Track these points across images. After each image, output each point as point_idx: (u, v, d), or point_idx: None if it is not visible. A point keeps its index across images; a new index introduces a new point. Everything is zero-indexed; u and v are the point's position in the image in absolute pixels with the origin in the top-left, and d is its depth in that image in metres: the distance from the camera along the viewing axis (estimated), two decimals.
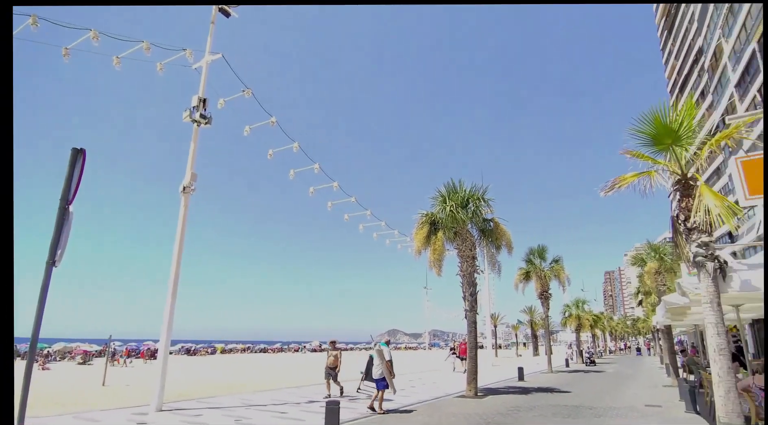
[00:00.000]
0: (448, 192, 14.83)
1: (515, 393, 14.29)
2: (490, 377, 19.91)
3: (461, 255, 14.60)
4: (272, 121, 16.44)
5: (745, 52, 28.99)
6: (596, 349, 48.82)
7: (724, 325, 5.94)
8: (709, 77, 39.27)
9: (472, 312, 14.31)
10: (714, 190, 6.33)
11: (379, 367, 10.33)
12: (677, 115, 6.61)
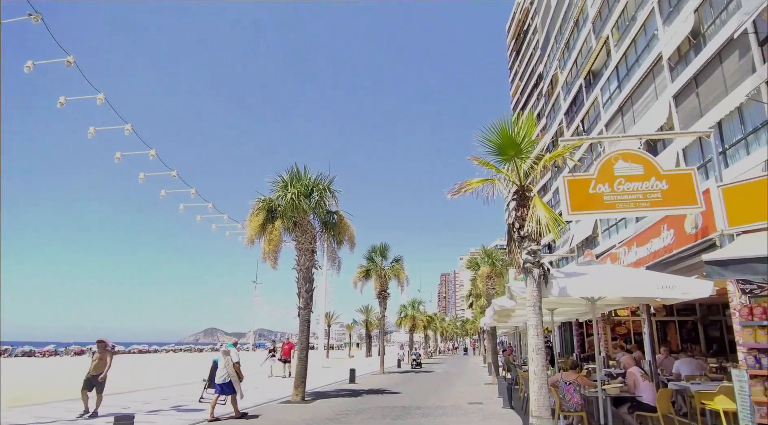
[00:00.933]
0: (291, 178, 14.48)
1: (345, 396, 14.82)
2: (320, 379, 20.31)
3: (300, 247, 14.43)
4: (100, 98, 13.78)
5: (574, 85, 35.62)
6: (427, 349, 54.23)
7: (542, 327, 7.13)
8: (545, 102, 47.11)
9: (306, 309, 14.26)
10: (544, 202, 7.52)
11: (223, 370, 10.15)
12: (520, 129, 7.61)
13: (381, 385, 18.69)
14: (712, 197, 7.68)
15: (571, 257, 26.55)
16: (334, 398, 14.43)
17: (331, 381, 20.03)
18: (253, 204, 14.49)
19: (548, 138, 42.25)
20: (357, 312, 59.36)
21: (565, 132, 37.53)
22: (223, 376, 10.24)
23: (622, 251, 11.81)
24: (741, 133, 16.63)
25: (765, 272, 6.10)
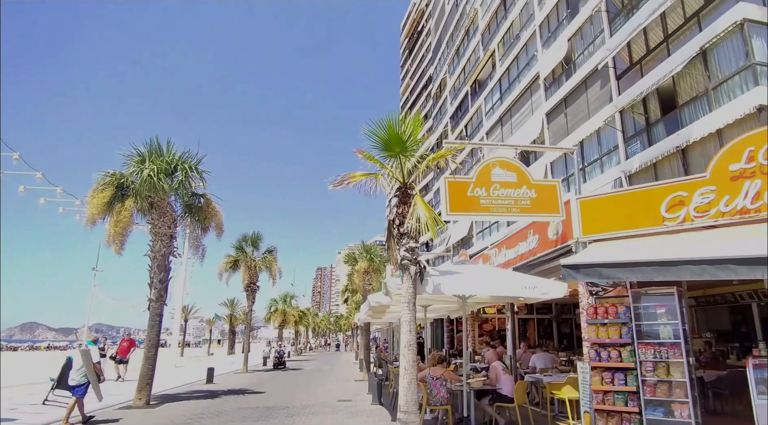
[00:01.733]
0: (149, 152, 13.17)
1: (200, 398, 14.00)
2: (170, 381, 18.88)
3: (156, 232, 13.21)
4: None
5: (461, 91, 38.12)
6: (297, 346, 53.69)
7: (416, 323, 7.48)
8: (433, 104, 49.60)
9: (159, 302, 13.11)
10: (425, 202, 7.90)
11: (80, 371, 9.32)
12: (406, 127, 7.89)
13: (243, 385, 18.03)
14: (571, 208, 8.79)
15: (447, 256, 28.48)
16: (186, 401, 13.52)
17: (184, 382, 18.75)
18: (97, 178, 12.83)
19: (433, 139, 44.70)
20: (221, 305, 56.57)
21: (449, 135, 40.05)
22: (78, 377, 9.31)
23: (494, 252, 12.97)
24: (598, 153, 19.30)
25: (609, 276, 7.14)
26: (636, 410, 7.42)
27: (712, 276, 6.17)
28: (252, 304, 27.06)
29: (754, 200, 7.24)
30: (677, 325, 7.43)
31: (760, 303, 12.24)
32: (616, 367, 7.77)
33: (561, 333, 18.23)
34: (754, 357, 6.97)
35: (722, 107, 13.61)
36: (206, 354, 53.31)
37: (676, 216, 7.82)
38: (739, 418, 6.92)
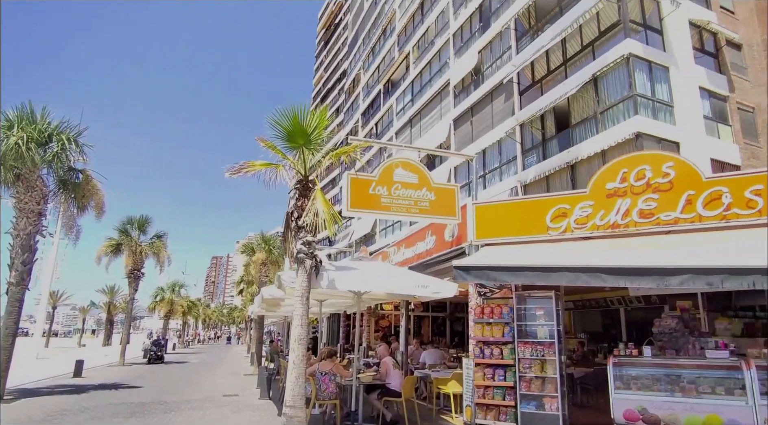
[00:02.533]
0: (19, 118, 11.73)
1: (65, 393, 12.67)
2: (32, 374, 16.85)
3: (21, 207, 11.72)
4: None
5: (374, 89, 38.44)
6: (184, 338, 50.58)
7: (308, 318, 7.37)
8: (346, 99, 49.51)
9: (21, 286, 11.64)
10: (325, 197, 7.82)
11: None
12: (312, 120, 7.76)
13: (118, 379, 16.60)
14: (467, 212, 9.23)
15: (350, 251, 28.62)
16: (47, 396, 12.16)
17: (48, 375, 16.82)
18: None
19: (344, 134, 44.64)
20: (98, 292, 51.55)
21: (360, 131, 40.27)
22: None
23: (393, 250, 13.25)
24: (498, 162, 20.52)
25: (496, 279, 7.60)
26: (512, 404, 8.02)
27: (585, 283, 6.82)
28: (135, 292, 24.96)
29: (624, 217, 8.15)
30: (553, 326, 8.15)
31: (626, 309, 13.93)
32: (497, 364, 8.34)
33: (454, 330, 19.15)
34: (614, 356, 7.84)
35: (607, 130, 15.15)
36: (77, 344, 48.40)
37: (559, 226, 8.54)
38: (601, 411, 7.80)
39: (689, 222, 7.76)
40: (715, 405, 6.85)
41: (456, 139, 23.79)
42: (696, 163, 8.24)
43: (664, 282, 6.45)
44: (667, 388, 7.24)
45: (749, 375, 6.74)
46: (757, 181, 7.59)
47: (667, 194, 7.95)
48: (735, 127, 16.60)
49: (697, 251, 6.91)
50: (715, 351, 7.44)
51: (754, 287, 6.01)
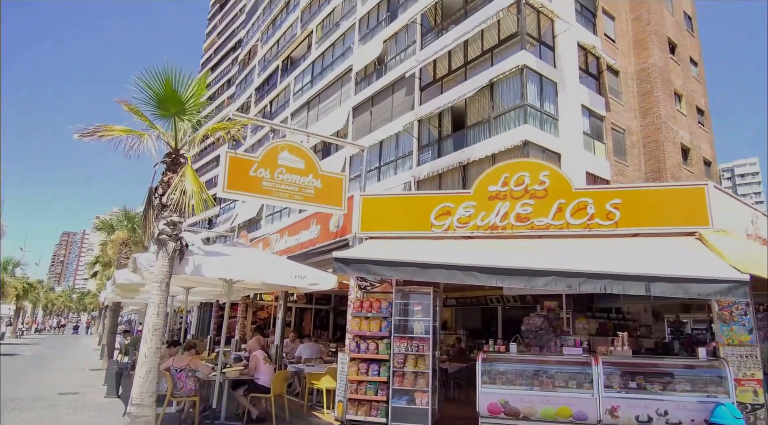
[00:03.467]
0: None
1: None
2: None
3: None
4: None
5: (272, 64, 36.98)
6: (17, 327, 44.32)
7: (166, 306, 6.77)
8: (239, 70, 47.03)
9: None
10: (197, 177, 7.27)
11: None
12: (189, 86, 7.17)
13: None
14: (354, 203, 9.21)
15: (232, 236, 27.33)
16: None
17: None
18: None
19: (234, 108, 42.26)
20: None
21: (252, 108, 38.55)
22: None
23: (275, 238, 12.84)
24: (394, 155, 20.87)
25: (376, 273, 7.67)
26: (384, 399, 8.17)
27: (460, 280, 7.15)
28: None
29: (503, 219, 8.68)
30: (429, 322, 8.44)
31: (504, 307, 15.03)
32: (372, 359, 8.44)
33: (337, 324, 19.15)
34: (483, 352, 8.34)
35: (499, 135, 16.11)
36: None
37: (443, 224, 8.86)
38: (470, 404, 8.23)
39: (558, 229, 8.49)
40: (567, 398, 7.60)
41: (354, 127, 23.79)
42: (568, 174, 9.06)
43: (531, 283, 7.01)
44: (527, 382, 7.89)
45: (596, 371, 7.56)
46: (617, 195, 8.55)
47: (541, 201, 8.62)
48: (608, 145, 18.66)
49: (562, 255, 7.57)
50: (571, 349, 8.26)
51: (605, 291, 6.78)
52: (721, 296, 6.54)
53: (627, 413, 7.34)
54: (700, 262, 7.02)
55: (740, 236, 8.77)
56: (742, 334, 7.56)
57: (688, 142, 21.73)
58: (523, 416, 7.67)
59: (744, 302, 7.49)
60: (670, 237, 8.17)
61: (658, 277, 6.51)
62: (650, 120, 20.50)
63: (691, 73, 23.99)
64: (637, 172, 19.78)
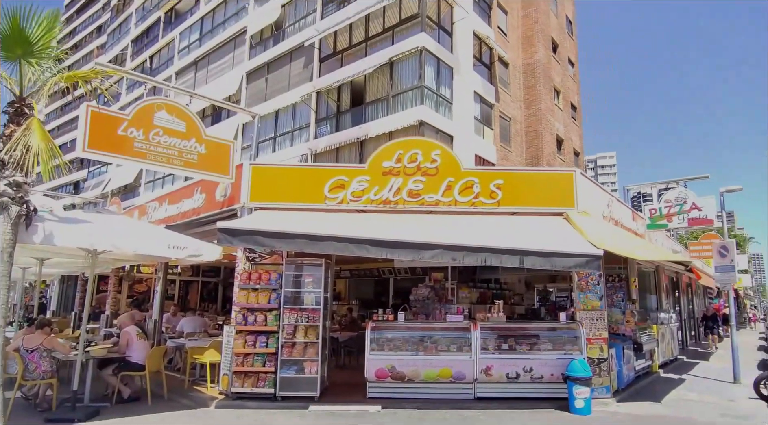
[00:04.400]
0: None
1: None
2: None
3: None
4: None
5: (152, 14, 33.18)
6: None
7: (10, 279, 5.80)
8: (112, 17, 41.59)
9: None
10: (47, 132, 6.29)
11: None
12: (39, 26, 6.20)
13: None
14: (243, 172, 8.69)
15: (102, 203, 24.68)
16: None
17: None
18: None
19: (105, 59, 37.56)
20: None
21: (128, 61, 34.67)
22: None
23: (153, 206, 11.77)
24: (291, 127, 20.18)
25: (266, 245, 7.35)
26: (272, 370, 7.99)
27: (352, 252, 7.12)
28: None
29: (395, 194, 8.76)
30: (320, 293, 8.35)
31: (395, 278, 15.47)
32: (260, 331, 8.17)
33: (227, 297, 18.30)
34: (373, 321, 8.58)
35: (396, 114, 16.23)
36: None
37: (336, 197, 8.72)
38: (359, 371, 8.42)
39: (447, 205, 8.79)
40: (448, 360, 8.14)
41: (248, 93, 22.52)
42: (458, 155, 9.40)
43: (419, 255, 7.23)
44: (413, 348, 8.31)
45: (475, 335, 8.18)
46: (499, 176, 9.04)
47: (432, 178, 8.83)
48: (495, 132, 19.75)
49: (448, 230, 7.87)
50: (454, 316, 8.82)
51: (485, 263, 7.21)
52: (580, 268, 7.30)
53: (499, 371, 8.04)
54: (566, 239, 7.72)
55: (598, 217, 9.80)
56: (594, 301, 8.54)
57: (563, 134, 23.82)
58: (408, 379, 8.05)
59: (598, 273, 8.45)
60: (542, 217, 8.86)
61: (531, 251, 7.09)
62: (532, 111, 22.09)
63: (569, 72, 26.19)
64: (519, 157, 21.29)
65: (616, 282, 11.46)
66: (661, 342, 12.00)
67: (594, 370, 7.96)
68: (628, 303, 11.21)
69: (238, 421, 6.88)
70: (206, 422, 6.89)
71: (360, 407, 7.58)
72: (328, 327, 8.97)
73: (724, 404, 8.22)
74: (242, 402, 7.80)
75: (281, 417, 7.11)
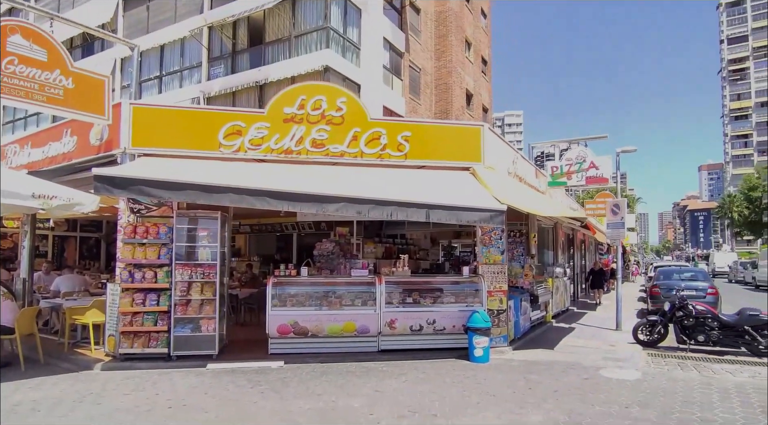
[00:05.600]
0: None
1: None
2: None
3: None
4: None
5: None
6: None
7: None
8: None
9: None
10: None
11: None
12: None
13: None
14: (122, 112, 7.92)
15: None
16: None
17: None
18: None
19: None
20: None
21: None
22: None
23: (13, 149, 10.41)
24: (179, 66, 18.64)
25: (152, 195, 6.86)
26: (165, 329, 7.72)
27: (251, 204, 6.90)
28: None
29: (298, 143, 8.53)
30: (216, 248, 8.06)
31: (299, 234, 15.31)
32: (150, 288, 7.80)
33: (111, 253, 17.03)
34: (274, 277, 8.54)
35: (300, 57, 15.59)
36: None
37: (233, 144, 8.30)
38: (261, 327, 8.39)
39: (353, 157, 8.75)
40: (352, 315, 8.37)
41: (126, 23, 20.28)
42: (365, 103, 9.29)
43: (322, 208, 7.18)
44: (317, 303, 8.44)
45: (379, 289, 8.46)
46: (407, 128, 9.14)
47: (338, 127, 8.70)
48: (405, 82, 19.80)
49: (354, 183, 7.88)
50: (359, 270, 9.03)
51: (391, 217, 7.37)
52: (484, 223, 7.75)
53: (403, 324, 8.43)
54: (472, 194, 8.09)
55: (503, 173, 10.35)
56: (496, 255, 9.15)
57: (473, 88, 24.53)
58: (311, 334, 8.20)
59: (500, 229, 9.01)
60: (449, 171, 9.17)
61: (437, 206, 7.36)
62: (443, 63, 22.39)
63: (481, 24, 26.73)
64: (428, 111, 21.67)
65: (517, 238, 12.34)
66: (555, 294, 13.28)
67: (493, 321, 8.62)
68: (528, 258, 12.15)
69: (128, 382, 6.60)
70: (90, 385, 6.52)
71: (262, 363, 7.63)
72: (226, 284, 8.79)
73: (607, 348, 9.32)
74: (132, 363, 7.54)
75: (177, 376, 6.94)
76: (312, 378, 6.89)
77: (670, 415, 5.39)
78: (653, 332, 9.33)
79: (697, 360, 8.28)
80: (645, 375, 7.27)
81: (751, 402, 5.93)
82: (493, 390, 6.37)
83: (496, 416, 5.37)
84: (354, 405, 5.67)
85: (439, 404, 5.75)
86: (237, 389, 6.33)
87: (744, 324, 8.56)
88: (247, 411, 5.48)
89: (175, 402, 5.77)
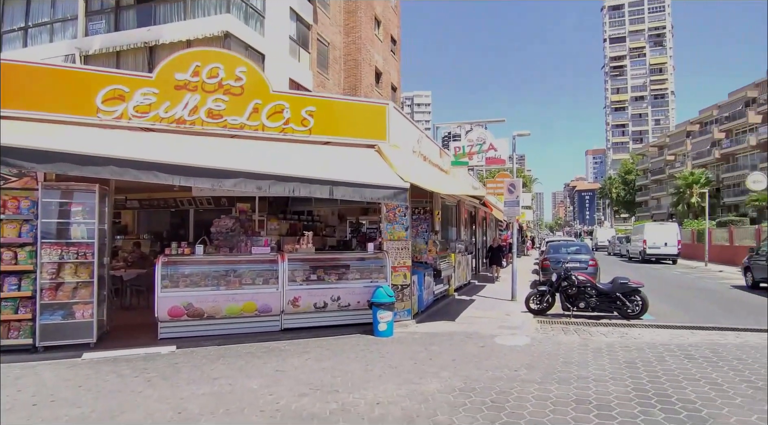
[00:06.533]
0: None
1: None
2: None
3: None
4: None
5: None
6: None
7: None
8: None
9: None
10: None
11: None
12: None
13: None
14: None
15: None
16: None
17: None
18: None
19: None
20: None
21: None
22: None
23: None
24: (48, 16, 16.54)
25: (13, 165, 6.02)
26: (29, 316, 6.88)
27: (135, 177, 6.29)
28: None
29: (191, 113, 7.93)
30: (94, 225, 7.25)
31: (197, 210, 14.27)
32: (7, 271, 6.87)
33: None
34: (164, 256, 7.99)
35: (196, 20, 14.46)
36: None
37: (113, 110, 7.52)
38: (150, 310, 7.75)
39: (253, 130, 8.32)
40: (253, 294, 8.06)
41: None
42: (266, 75, 8.81)
43: (219, 183, 6.77)
44: (214, 283, 8.00)
45: (282, 267, 8.22)
46: (312, 103, 8.86)
47: (237, 98, 8.21)
48: (312, 56, 19.20)
49: (255, 157, 7.48)
50: (260, 248, 8.68)
51: (293, 193, 7.10)
52: (388, 200, 7.75)
53: (307, 301, 8.30)
54: (376, 171, 8.05)
55: (408, 152, 10.44)
56: (400, 231, 9.26)
57: (381, 66, 24.45)
58: (208, 315, 7.79)
59: (404, 206, 9.10)
60: (355, 148, 9.05)
61: (341, 182, 7.25)
62: (352, 38, 22.03)
63: (390, 3, 26.59)
64: (337, 87, 21.28)
65: (422, 215, 12.56)
66: (457, 268, 13.80)
67: (397, 296, 8.77)
68: (431, 234, 12.45)
69: None
70: None
71: (150, 349, 7.10)
72: (107, 265, 8.00)
73: (503, 318, 9.89)
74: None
75: (44, 369, 6.18)
76: (208, 362, 6.52)
77: (552, 375, 5.87)
78: (543, 301, 10.05)
79: (578, 324, 9.12)
80: (533, 340, 7.82)
81: (617, 358, 6.63)
82: (395, 362, 6.47)
83: (397, 386, 5.45)
84: (253, 387, 5.45)
85: (341, 379, 5.71)
86: (119, 379, 5.77)
87: (616, 292, 9.58)
88: (130, 402, 4.99)
89: (41, 398, 5.10)
